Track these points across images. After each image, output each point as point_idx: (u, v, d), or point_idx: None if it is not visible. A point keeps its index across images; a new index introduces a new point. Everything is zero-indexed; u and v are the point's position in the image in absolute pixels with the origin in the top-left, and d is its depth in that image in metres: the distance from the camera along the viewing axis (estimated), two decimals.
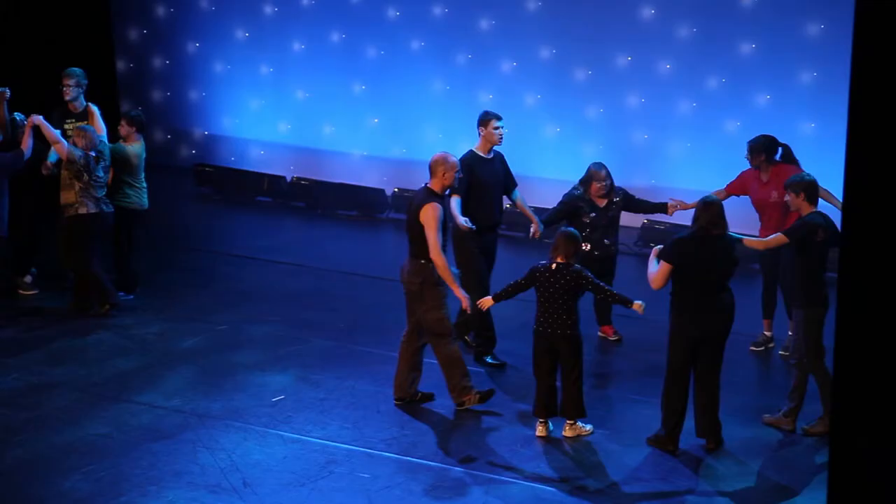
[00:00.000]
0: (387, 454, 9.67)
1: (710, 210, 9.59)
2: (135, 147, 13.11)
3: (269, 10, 17.91)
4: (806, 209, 10.05)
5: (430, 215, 10.08)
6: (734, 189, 12.06)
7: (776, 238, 10.06)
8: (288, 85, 17.93)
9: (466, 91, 16.48)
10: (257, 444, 9.78)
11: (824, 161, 11.23)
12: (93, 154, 12.41)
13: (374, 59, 17.35)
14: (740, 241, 9.92)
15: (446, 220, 10.27)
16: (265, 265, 14.63)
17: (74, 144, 12.38)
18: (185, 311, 12.97)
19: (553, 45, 16.18)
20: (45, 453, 9.57)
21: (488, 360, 11.59)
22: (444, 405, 10.60)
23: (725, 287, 9.64)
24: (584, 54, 16.02)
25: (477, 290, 10.82)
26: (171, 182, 17.24)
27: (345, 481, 9.21)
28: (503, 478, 9.27)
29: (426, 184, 10.39)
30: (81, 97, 13.31)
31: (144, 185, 13.25)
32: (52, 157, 12.78)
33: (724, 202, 9.90)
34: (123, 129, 13.21)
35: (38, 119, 12.47)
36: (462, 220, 11.14)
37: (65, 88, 13.28)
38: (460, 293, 10.19)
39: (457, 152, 11.73)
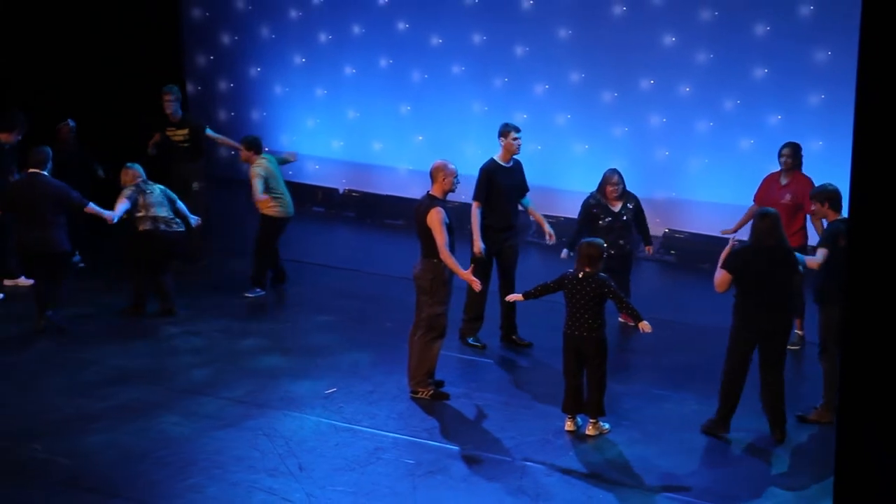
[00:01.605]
0: (430, 442, 9.66)
1: (764, 222, 9.58)
2: (257, 168, 13.32)
3: (323, 37, 17.94)
4: (832, 216, 10.11)
5: (435, 219, 10.17)
6: (761, 198, 12.04)
7: (823, 254, 9.94)
8: (340, 105, 17.95)
9: (503, 111, 16.42)
10: (312, 432, 9.79)
11: (832, 176, 11.13)
12: (140, 180, 12.44)
13: (419, 82, 17.35)
14: (804, 264, 9.89)
15: (451, 222, 10.33)
16: (319, 270, 14.64)
17: (124, 184, 12.48)
18: (247, 311, 13.00)
19: (582, 69, 16.13)
20: (119, 440, 9.61)
21: (470, 340, 11.74)
22: (483, 399, 10.58)
23: (785, 291, 9.60)
24: (611, 78, 15.97)
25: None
26: (234, 194, 17.28)
27: (391, 467, 9.21)
28: (535, 466, 9.24)
29: (429, 190, 10.46)
30: (178, 109, 14.36)
31: (286, 194, 13.53)
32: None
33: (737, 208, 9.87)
34: (243, 153, 13.58)
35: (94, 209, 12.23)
36: (480, 247, 11.27)
37: (165, 102, 14.27)
38: (470, 277, 10.23)
39: None
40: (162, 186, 12.69)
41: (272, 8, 18.25)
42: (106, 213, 12.10)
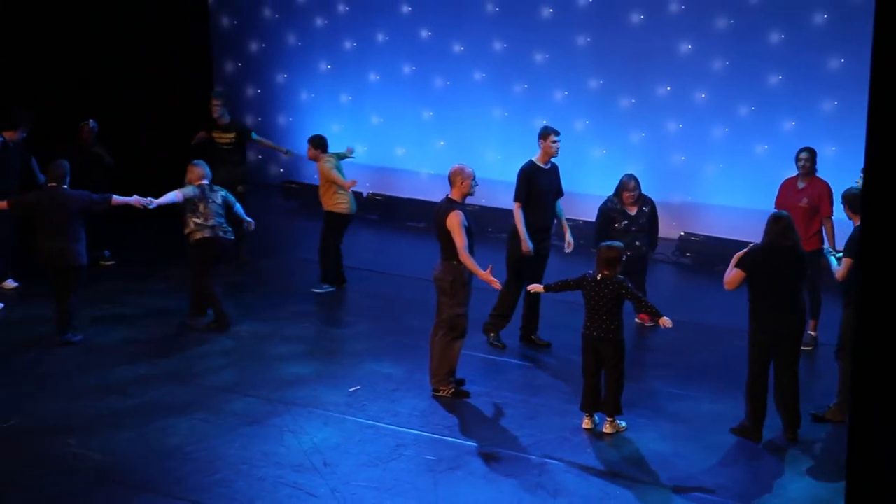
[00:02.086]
0: (450, 439, 9.65)
1: (779, 224, 9.55)
2: (327, 164, 13.45)
3: (348, 45, 17.96)
4: (857, 221, 10.07)
5: (454, 222, 10.17)
6: (780, 203, 11.99)
7: (848, 263, 9.86)
8: (364, 111, 17.98)
9: (522, 117, 16.44)
10: (336, 429, 9.79)
11: (845, 180, 11.12)
12: (206, 183, 12.23)
13: (441, 88, 17.36)
14: (834, 273, 9.91)
15: (470, 225, 10.32)
16: (348, 273, 14.64)
17: (189, 182, 12.17)
18: (274, 311, 13.01)
19: (600, 76, 16.12)
20: (149, 436, 9.63)
21: (491, 338, 11.74)
22: (503, 398, 10.57)
23: (797, 292, 9.57)
24: (628, 84, 15.95)
25: (515, 283, 11.40)
26: (261, 197, 17.31)
27: (413, 463, 9.20)
28: (554, 462, 9.23)
29: (448, 194, 10.45)
30: (226, 113, 14.44)
31: (349, 192, 13.57)
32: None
33: (752, 212, 9.84)
34: (310, 152, 13.69)
35: (142, 202, 11.97)
36: (529, 246, 11.26)
37: (213, 106, 14.42)
38: (489, 277, 10.18)
39: (513, 170, 11.78)
40: (225, 192, 12.38)
41: (299, 16, 18.29)
42: (133, 199, 11.85)
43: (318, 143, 13.71)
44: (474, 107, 16.99)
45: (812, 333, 11.85)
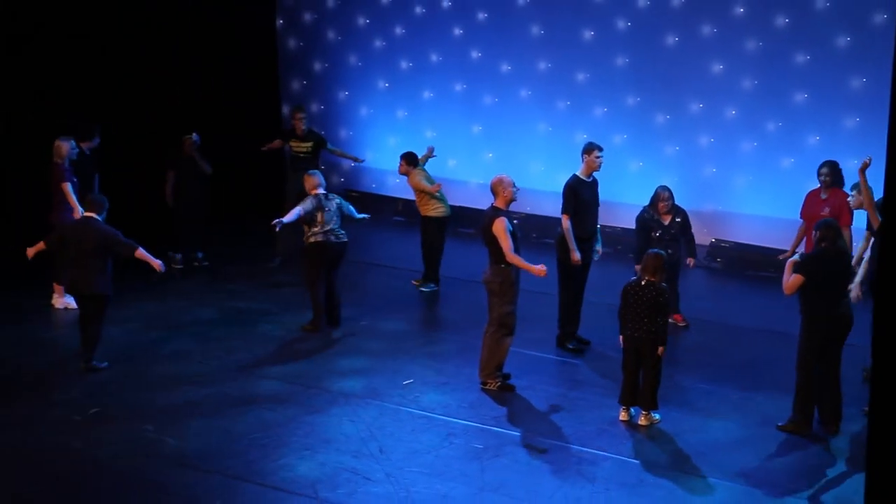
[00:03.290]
0: (496, 429, 9.65)
1: (830, 231, 9.49)
2: (418, 177, 13.65)
3: (404, 65, 17.99)
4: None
5: (500, 228, 10.20)
6: (805, 213, 11.89)
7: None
8: (419, 126, 17.98)
9: (565, 131, 16.39)
10: (391, 419, 9.82)
11: None
12: (322, 192, 12.09)
13: (490, 104, 17.34)
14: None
15: (515, 230, 10.34)
16: (397, 272, 14.68)
17: (304, 198, 12.01)
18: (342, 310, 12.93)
19: (637, 93, 16.04)
20: (220, 423, 9.70)
21: (570, 346, 11.61)
22: (546, 391, 10.56)
23: (846, 295, 9.52)
24: (663, 101, 15.86)
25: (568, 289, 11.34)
26: None
27: (461, 450, 9.21)
28: (592, 452, 9.20)
29: (492, 203, 10.50)
30: (307, 125, 14.72)
31: (443, 196, 13.76)
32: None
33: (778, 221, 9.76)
34: (402, 167, 13.82)
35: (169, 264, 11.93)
36: (577, 256, 11.22)
37: (297, 120, 14.74)
38: (536, 268, 10.19)
39: (556, 181, 11.80)
40: (339, 200, 12.27)
41: (359, 38, 18.34)
42: (155, 261, 10.88)
43: (411, 159, 13.88)
44: (520, 122, 16.96)
45: None
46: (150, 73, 16.26)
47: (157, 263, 10.89)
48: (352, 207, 12.47)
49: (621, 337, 9.81)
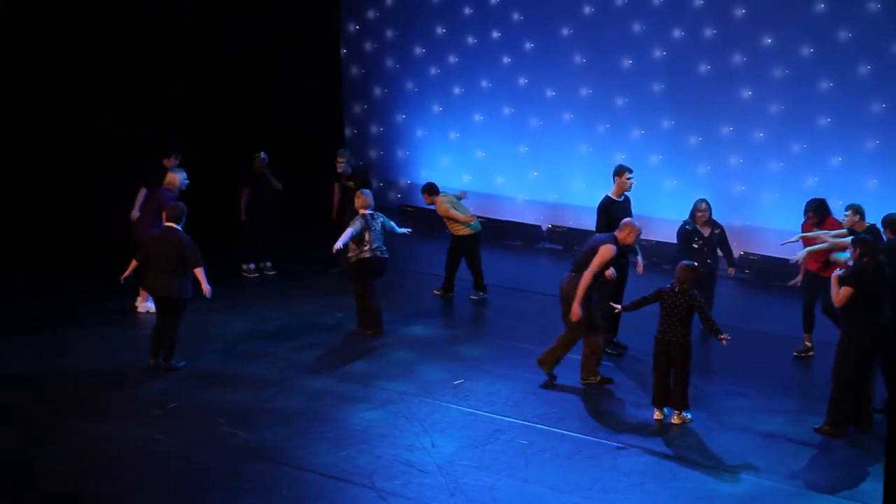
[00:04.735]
0: (540, 426, 9.62)
1: (868, 245, 9.38)
2: (444, 205, 13.48)
3: (457, 90, 18.01)
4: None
5: (607, 252, 10.32)
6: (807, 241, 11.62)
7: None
8: (470, 146, 17.99)
9: (604, 152, 16.32)
10: (442, 416, 9.82)
11: (884, 209, 10.86)
12: (369, 212, 12.10)
13: (535, 127, 17.31)
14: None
15: (609, 263, 10.41)
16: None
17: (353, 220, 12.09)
18: (394, 315, 12.75)
19: (672, 117, 15.95)
20: (286, 418, 9.75)
21: (609, 350, 11.51)
22: (586, 392, 10.51)
23: (885, 305, 9.38)
24: (696, 125, 15.76)
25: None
26: None
27: (508, 446, 9.20)
28: (628, 448, 9.16)
29: (615, 232, 10.55)
30: (347, 167, 14.55)
31: (474, 218, 13.71)
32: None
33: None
34: (426, 199, 13.77)
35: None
36: (612, 272, 11.14)
37: (338, 163, 14.62)
38: (577, 312, 10.24)
39: (596, 197, 11.77)
40: (383, 218, 12.25)
41: (415, 66, 18.40)
42: (206, 286, 10.79)
43: (430, 189, 13.75)
44: (563, 143, 16.91)
45: (808, 344, 11.58)
46: (229, 99, 16.52)
47: (206, 288, 10.81)
48: (393, 223, 12.45)
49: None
